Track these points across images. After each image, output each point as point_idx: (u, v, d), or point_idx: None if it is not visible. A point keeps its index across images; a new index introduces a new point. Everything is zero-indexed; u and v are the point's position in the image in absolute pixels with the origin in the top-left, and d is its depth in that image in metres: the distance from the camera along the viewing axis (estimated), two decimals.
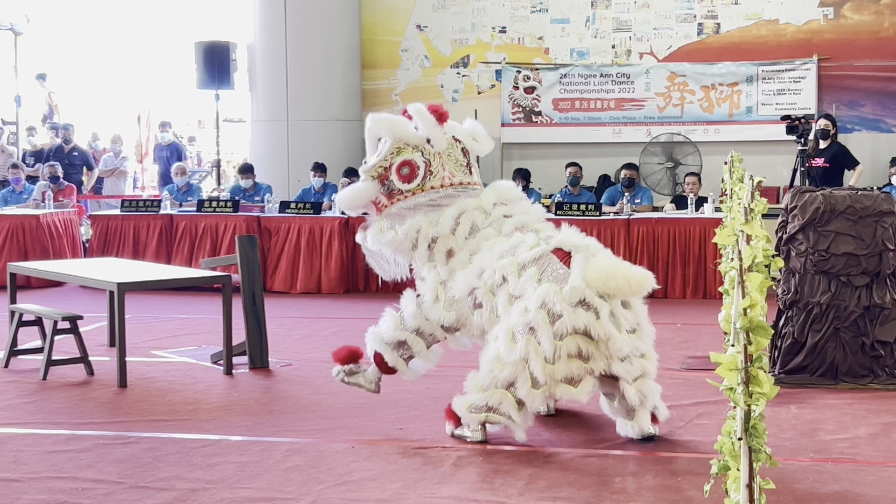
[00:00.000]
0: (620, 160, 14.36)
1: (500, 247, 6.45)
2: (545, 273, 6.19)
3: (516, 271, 6.25)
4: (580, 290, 6.04)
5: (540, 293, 6.08)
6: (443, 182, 6.64)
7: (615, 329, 6.06)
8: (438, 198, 6.63)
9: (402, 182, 6.64)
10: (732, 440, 3.07)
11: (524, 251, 6.32)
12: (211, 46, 15.32)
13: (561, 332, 6.00)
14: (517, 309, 6.16)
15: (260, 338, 8.56)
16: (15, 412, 7.14)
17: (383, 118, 6.80)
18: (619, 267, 6.22)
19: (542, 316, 6.03)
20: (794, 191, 8.05)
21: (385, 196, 6.73)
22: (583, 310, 6.02)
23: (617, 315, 6.12)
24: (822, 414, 6.96)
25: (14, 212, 13.64)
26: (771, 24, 14.89)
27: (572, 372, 6.05)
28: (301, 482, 5.58)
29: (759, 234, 3.16)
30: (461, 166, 6.75)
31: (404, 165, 6.64)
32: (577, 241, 6.34)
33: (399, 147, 6.68)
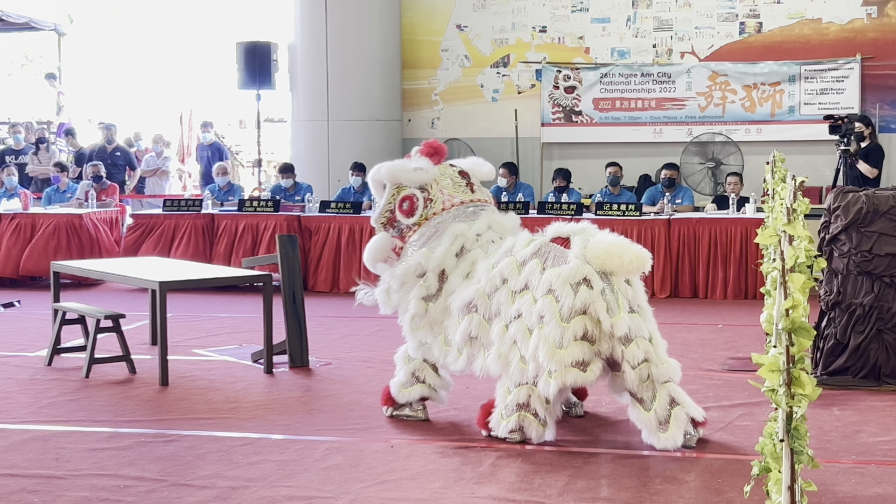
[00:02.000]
0: (661, 160, 14.30)
1: (491, 259, 6.50)
2: (548, 261, 6.23)
3: (516, 269, 6.29)
4: (582, 269, 6.08)
5: (545, 280, 6.13)
6: (444, 206, 6.76)
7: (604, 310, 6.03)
8: (442, 221, 6.73)
9: (406, 217, 6.79)
10: (774, 442, 3.05)
11: (521, 248, 6.38)
12: (252, 47, 15.39)
13: (566, 314, 6.03)
14: (525, 304, 6.19)
15: (300, 337, 8.59)
16: (58, 410, 7.21)
17: (378, 168, 6.95)
18: (616, 244, 6.22)
19: (550, 301, 6.07)
20: (837, 191, 7.98)
21: (398, 239, 6.87)
22: (585, 288, 6.05)
23: (617, 292, 6.11)
24: (865, 416, 6.90)
25: (58, 211, 13.76)
26: (814, 22, 14.77)
27: (582, 355, 6.06)
28: (340, 481, 5.59)
29: (802, 234, 3.14)
30: (460, 186, 6.86)
31: (405, 201, 6.80)
32: (571, 227, 6.40)
33: (398, 187, 6.83)
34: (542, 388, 6.12)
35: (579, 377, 6.10)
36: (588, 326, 6.05)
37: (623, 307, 6.08)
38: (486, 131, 15.71)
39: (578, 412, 6.95)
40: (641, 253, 6.23)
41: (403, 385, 6.91)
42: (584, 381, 6.16)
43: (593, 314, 6.05)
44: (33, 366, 8.57)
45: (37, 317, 10.74)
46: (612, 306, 6.06)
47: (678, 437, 6.11)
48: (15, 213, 13.58)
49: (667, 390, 6.17)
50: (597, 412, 7.00)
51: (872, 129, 12.56)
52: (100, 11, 31.21)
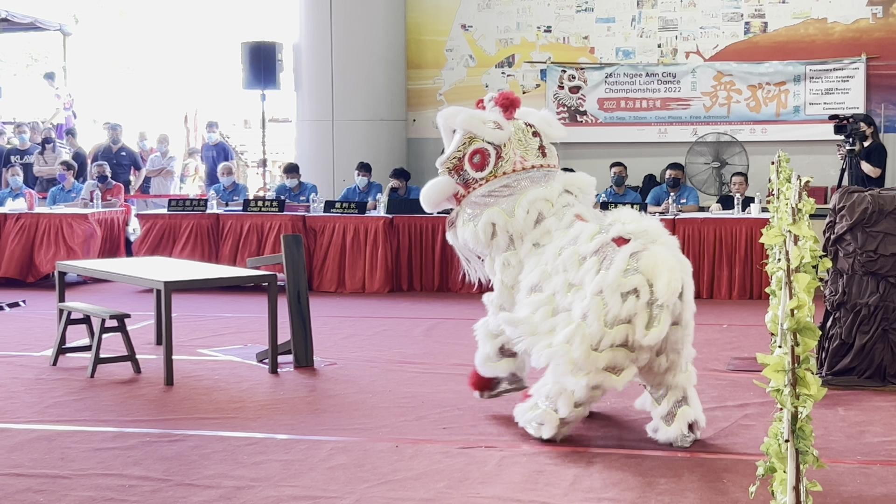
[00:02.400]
0: (666, 160, 14.28)
1: (559, 241, 6.47)
2: (605, 262, 6.18)
3: (577, 262, 6.27)
4: (633, 280, 6.03)
5: (596, 282, 6.10)
6: (514, 167, 6.72)
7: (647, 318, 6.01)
8: (511, 182, 6.70)
9: (475, 171, 6.75)
10: (779, 442, 3.05)
11: (584, 242, 6.33)
12: (257, 47, 15.39)
13: (611, 320, 6.01)
14: (577, 298, 6.17)
15: (305, 337, 8.59)
16: (63, 409, 7.21)
17: (454, 111, 6.96)
18: (666, 262, 6.12)
19: (597, 303, 6.05)
20: (842, 191, 7.97)
21: (462, 186, 6.84)
22: (633, 298, 6.01)
23: (664, 304, 6.05)
24: (870, 416, 6.89)
25: (63, 210, 13.77)
26: (819, 22, 14.76)
27: (616, 361, 6.06)
28: (345, 481, 5.59)
29: (807, 234, 3.14)
30: (533, 150, 6.84)
31: (476, 154, 6.76)
32: (635, 227, 6.29)
33: (470, 137, 6.80)
34: (572, 385, 6.12)
35: (610, 381, 6.08)
36: (630, 335, 6.03)
37: (665, 321, 6.03)
38: None
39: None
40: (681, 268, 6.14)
41: (489, 359, 6.86)
42: (613, 386, 6.13)
43: (636, 324, 6.02)
44: (38, 365, 8.58)
45: (42, 316, 10.76)
46: (653, 319, 6.02)
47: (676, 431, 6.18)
48: (20, 212, 13.58)
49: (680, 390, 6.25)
50: (601, 412, 6.99)
51: (875, 129, 12.56)
52: (105, 11, 31.25)
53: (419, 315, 10.91)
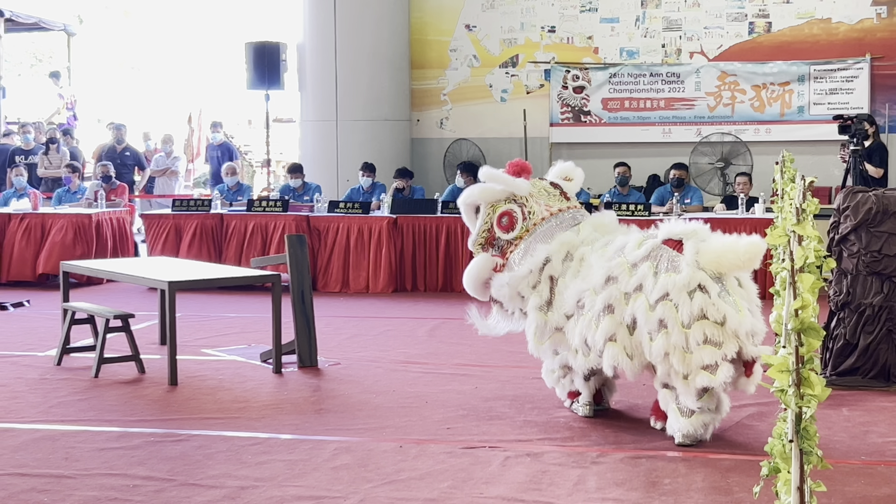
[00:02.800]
0: (670, 160, 14.28)
1: (602, 254, 6.51)
2: (660, 265, 6.21)
3: (627, 270, 6.29)
4: (696, 276, 6.07)
5: (660, 286, 6.12)
6: (543, 216, 6.82)
7: (729, 307, 6.03)
8: (547, 229, 6.78)
9: (506, 232, 6.85)
10: (783, 442, 3.05)
11: (632, 250, 6.36)
12: (261, 47, 15.41)
13: (686, 320, 6.03)
14: (640, 308, 6.17)
15: (309, 337, 8.59)
16: (67, 409, 7.22)
17: (471, 192, 7.03)
18: (728, 243, 6.21)
19: (669, 308, 6.06)
20: (847, 191, 7.97)
21: (499, 257, 6.91)
22: (700, 294, 6.03)
23: (732, 293, 6.10)
24: (874, 416, 6.89)
25: (67, 211, 13.78)
26: (823, 22, 14.75)
27: (707, 359, 6.01)
28: (349, 481, 5.60)
29: (811, 234, 3.14)
30: (555, 196, 6.95)
31: (503, 216, 6.87)
32: (683, 228, 6.36)
33: (493, 206, 6.90)
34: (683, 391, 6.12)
35: (708, 380, 6.03)
36: (708, 331, 6.01)
37: (742, 307, 6.08)
38: (495, 131, 15.72)
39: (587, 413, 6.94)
40: (753, 242, 6.21)
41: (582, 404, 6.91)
42: (712, 383, 6.06)
43: (713, 317, 6.02)
44: (43, 365, 8.59)
45: (46, 316, 10.77)
46: (733, 305, 6.05)
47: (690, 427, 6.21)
48: (25, 213, 13.60)
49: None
50: (605, 411, 6.99)
51: (877, 128, 12.55)
52: (109, 12, 31.28)
53: (423, 315, 10.91)
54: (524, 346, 6.89)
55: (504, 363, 8.49)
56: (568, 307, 6.55)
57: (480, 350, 8.99)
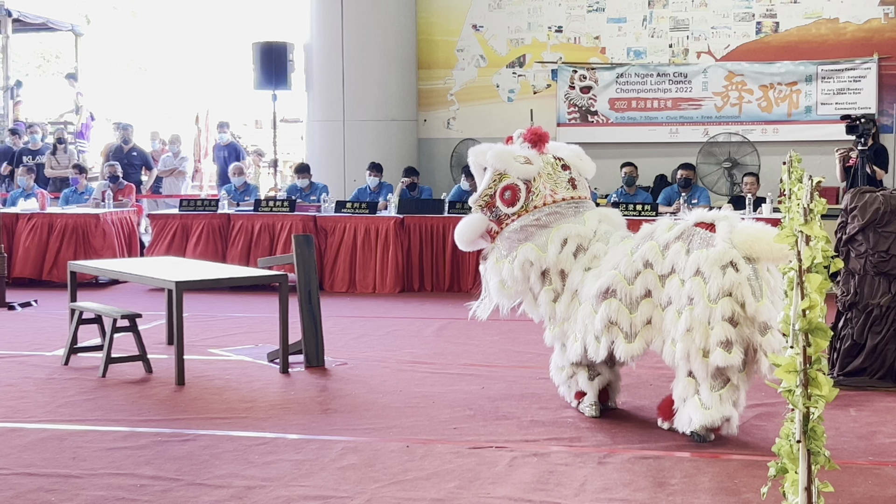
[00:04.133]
0: (677, 160, 14.26)
1: (630, 243, 6.54)
2: (693, 243, 6.25)
3: (659, 253, 6.32)
4: (729, 253, 6.10)
5: (692, 261, 6.16)
6: (545, 200, 6.83)
7: (749, 292, 6.06)
8: (543, 216, 6.81)
9: (507, 206, 6.87)
10: (791, 442, 3.05)
11: (662, 233, 6.40)
12: (268, 47, 15.41)
13: (714, 295, 6.05)
14: (674, 288, 6.21)
15: (316, 337, 8.60)
16: (74, 409, 7.23)
17: (484, 149, 7.03)
18: (763, 231, 6.23)
19: (698, 283, 6.10)
20: (854, 191, 7.96)
21: (495, 223, 6.94)
22: (732, 271, 6.06)
23: (761, 279, 6.13)
24: (882, 417, 6.88)
25: (74, 211, 13.80)
26: (831, 22, 14.73)
27: (726, 335, 6.04)
28: (356, 481, 5.60)
29: (819, 234, 3.13)
30: (563, 183, 6.94)
31: (506, 190, 6.87)
32: (714, 213, 6.42)
33: (500, 173, 6.90)
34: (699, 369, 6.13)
35: (724, 358, 6.06)
36: (733, 308, 6.05)
37: (766, 294, 6.11)
38: (502, 131, 15.59)
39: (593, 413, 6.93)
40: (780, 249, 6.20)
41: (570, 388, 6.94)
42: (727, 362, 6.08)
43: (738, 297, 6.05)
44: (50, 365, 8.60)
45: (54, 316, 10.78)
46: (756, 292, 6.08)
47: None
48: (32, 212, 13.62)
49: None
50: (612, 411, 6.98)
51: (877, 129, 12.54)
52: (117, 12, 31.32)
53: (430, 315, 10.90)
54: (531, 347, 6.90)
55: (511, 363, 8.49)
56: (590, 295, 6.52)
57: (487, 350, 8.99)
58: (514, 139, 7.07)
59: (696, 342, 6.09)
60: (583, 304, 6.61)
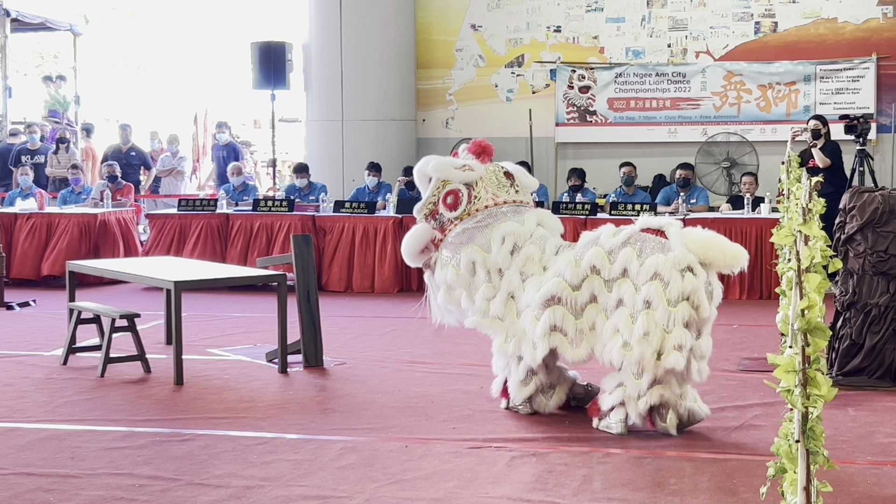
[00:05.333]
0: (676, 160, 14.27)
1: (573, 252, 6.60)
2: (645, 248, 6.34)
3: (606, 258, 6.39)
4: (687, 257, 6.22)
5: (648, 265, 6.24)
6: (487, 204, 6.94)
7: (705, 296, 6.20)
8: (484, 217, 6.90)
9: (449, 210, 6.97)
10: (789, 442, 3.05)
11: (608, 239, 6.48)
12: (267, 47, 15.41)
13: (674, 298, 6.16)
14: (627, 292, 6.29)
15: (314, 336, 8.60)
16: (73, 409, 7.23)
17: (427, 161, 7.16)
18: (715, 237, 6.41)
19: (656, 286, 6.18)
20: (853, 191, 7.96)
21: (438, 231, 7.03)
22: (690, 275, 6.18)
23: (713, 285, 6.28)
24: (881, 416, 6.88)
25: (73, 211, 13.79)
26: (829, 22, 14.74)
27: (682, 339, 6.17)
28: (355, 481, 5.60)
29: (818, 234, 3.13)
30: (505, 187, 7.04)
31: (449, 195, 6.99)
32: (659, 220, 6.57)
33: (443, 181, 7.02)
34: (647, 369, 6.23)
35: (678, 361, 6.18)
36: (690, 313, 6.18)
37: (716, 300, 6.27)
38: (501, 131, 15.70)
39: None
40: (741, 249, 6.43)
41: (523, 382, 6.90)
42: (679, 366, 6.20)
43: (695, 301, 6.18)
44: (49, 365, 8.60)
45: (52, 316, 10.78)
46: (710, 296, 6.24)
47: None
48: (31, 212, 13.61)
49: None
50: None
51: (828, 129, 12.63)
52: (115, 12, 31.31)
53: (428, 315, 10.88)
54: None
55: None
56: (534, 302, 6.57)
57: (486, 350, 8.97)
58: (460, 153, 7.21)
59: (652, 345, 6.18)
60: (522, 312, 6.65)
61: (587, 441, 6.34)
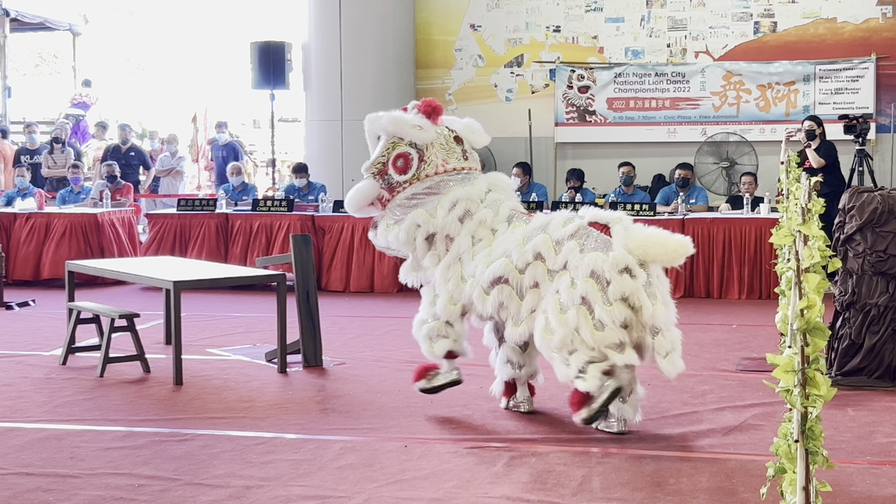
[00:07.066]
0: (675, 160, 14.28)
1: (523, 230, 6.66)
2: (587, 244, 6.37)
3: (552, 247, 6.44)
4: (625, 258, 6.24)
5: (587, 262, 6.28)
6: (437, 169, 6.95)
7: (647, 297, 6.22)
8: (434, 184, 6.92)
9: (399, 174, 6.99)
10: (789, 442, 3.05)
11: (557, 228, 6.51)
12: (266, 47, 15.41)
13: (610, 298, 6.19)
14: (563, 283, 6.31)
15: (314, 336, 8.60)
16: (72, 409, 7.22)
17: (379, 117, 7.18)
18: (657, 235, 6.42)
19: (592, 284, 6.22)
20: (852, 191, 7.96)
21: (386, 191, 7.07)
22: (628, 277, 6.22)
23: (654, 284, 6.29)
24: (880, 416, 6.88)
25: (72, 211, 13.80)
26: (828, 22, 14.74)
27: (619, 338, 6.22)
28: (354, 480, 5.60)
29: (817, 234, 3.13)
30: (455, 154, 7.05)
31: (399, 158, 7.00)
32: (608, 214, 6.57)
33: (394, 142, 7.04)
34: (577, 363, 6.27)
35: (617, 357, 6.23)
36: (626, 314, 6.20)
37: (660, 298, 6.26)
38: (500, 131, 15.68)
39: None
40: (683, 240, 6.44)
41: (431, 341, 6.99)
42: (624, 361, 6.26)
43: (633, 302, 6.21)
44: (48, 365, 8.60)
45: (52, 316, 10.78)
46: (652, 296, 6.23)
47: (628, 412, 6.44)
48: (30, 212, 13.62)
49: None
50: None
51: (823, 130, 12.63)
52: (115, 11, 31.30)
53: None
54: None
55: None
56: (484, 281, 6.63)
57: (485, 349, 8.98)
58: (409, 109, 7.18)
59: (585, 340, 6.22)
60: (468, 280, 6.72)
61: (586, 441, 6.34)
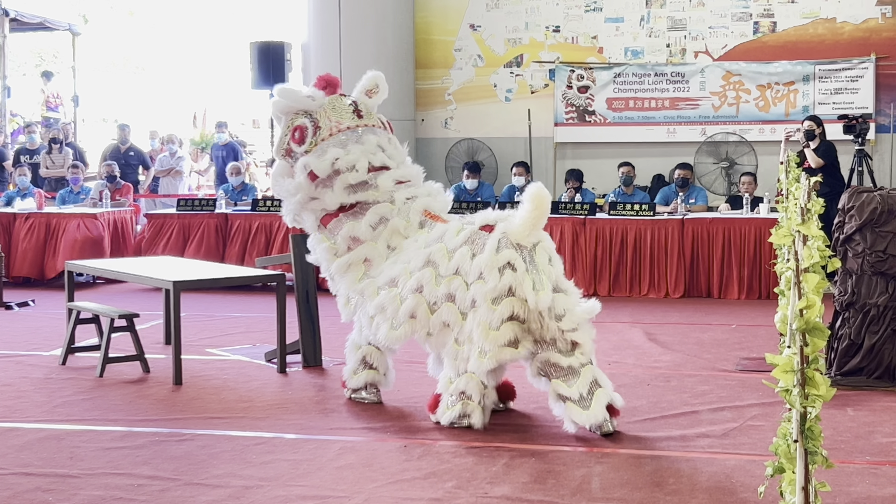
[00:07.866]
0: (675, 160, 14.28)
1: (423, 238, 6.87)
2: (476, 248, 6.57)
3: (446, 255, 6.64)
4: (504, 254, 6.42)
5: (475, 266, 6.49)
6: (331, 131, 7.13)
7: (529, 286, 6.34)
8: (327, 146, 7.07)
9: (298, 145, 7.17)
10: (788, 442, 3.05)
11: (452, 237, 6.71)
12: (266, 46, 15.42)
13: (494, 296, 6.38)
14: (457, 286, 6.54)
15: (313, 336, 8.60)
16: (72, 409, 7.23)
17: (274, 100, 7.34)
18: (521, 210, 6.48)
19: (480, 286, 6.43)
20: (852, 191, 7.96)
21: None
22: (510, 271, 6.39)
23: (541, 272, 6.41)
24: (879, 416, 6.88)
25: (72, 211, 13.79)
26: (828, 22, 14.74)
27: (513, 334, 6.38)
28: (353, 480, 5.60)
29: (816, 234, 3.13)
30: (346, 113, 7.22)
31: (296, 130, 7.19)
32: (497, 214, 6.73)
33: (291, 119, 7.22)
34: (474, 366, 6.42)
35: (512, 354, 6.42)
36: (515, 307, 6.37)
37: (547, 285, 6.38)
38: (500, 131, 15.71)
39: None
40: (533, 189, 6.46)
41: (354, 371, 7.25)
42: (515, 358, 6.46)
43: (520, 295, 6.36)
44: (48, 365, 8.60)
45: (51, 316, 10.78)
46: (536, 284, 6.37)
47: (599, 414, 6.34)
48: (30, 212, 13.62)
49: (590, 372, 6.44)
50: None
51: (823, 130, 12.62)
52: (114, 11, 31.30)
53: None
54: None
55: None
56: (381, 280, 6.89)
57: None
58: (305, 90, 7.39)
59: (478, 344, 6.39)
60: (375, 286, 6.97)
61: (586, 441, 6.35)
